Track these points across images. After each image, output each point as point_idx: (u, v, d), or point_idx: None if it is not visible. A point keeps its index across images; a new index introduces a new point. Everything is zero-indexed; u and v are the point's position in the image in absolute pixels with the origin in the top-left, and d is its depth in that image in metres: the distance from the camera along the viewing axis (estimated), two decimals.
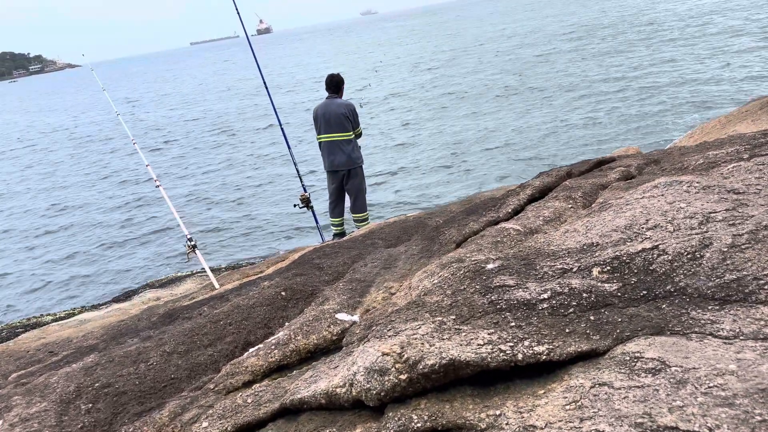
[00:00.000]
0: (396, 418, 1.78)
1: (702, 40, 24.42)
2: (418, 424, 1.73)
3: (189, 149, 21.73)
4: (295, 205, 7.50)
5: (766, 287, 1.90)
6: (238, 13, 7.67)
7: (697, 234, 2.27)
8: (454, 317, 2.16)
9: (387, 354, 1.92)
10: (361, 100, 23.12)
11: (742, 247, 2.11)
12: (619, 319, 1.96)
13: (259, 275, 4.92)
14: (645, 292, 2.07)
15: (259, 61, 7.87)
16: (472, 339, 1.96)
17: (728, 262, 2.07)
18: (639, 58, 23.38)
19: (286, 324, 3.12)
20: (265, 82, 7.83)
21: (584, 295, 2.12)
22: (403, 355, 1.90)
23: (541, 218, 3.27)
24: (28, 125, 42.02)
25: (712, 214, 2.38)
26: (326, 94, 6.84)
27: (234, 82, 47.03)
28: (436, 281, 2.57)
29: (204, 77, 63.07)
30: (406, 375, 1.85)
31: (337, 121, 6.65)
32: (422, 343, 1.95)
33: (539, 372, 1.87)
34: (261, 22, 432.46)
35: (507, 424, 1.65)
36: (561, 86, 20.94)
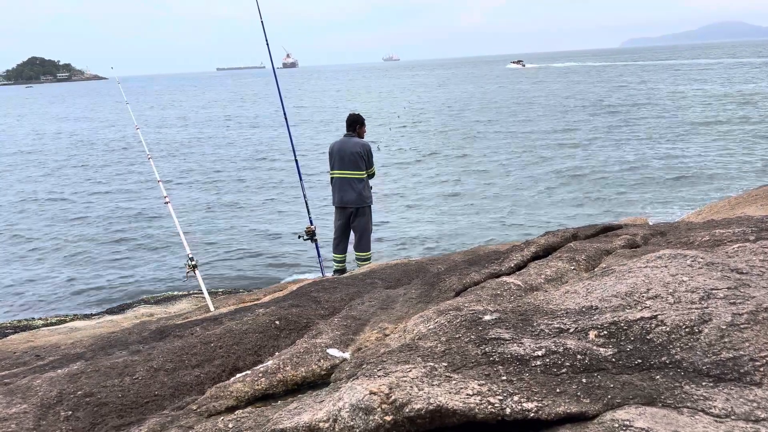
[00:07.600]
0: None
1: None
2: None
3: (205, 172, 21.93)
4: (299, 237, 7.52)
5: (761, 369, 1.89)
6: (268, 44, 7.86)
7: (696, 309, 2.27)
8: (446, 364, 2.14)
9: (374, 393, 1.90)
10: (379, 142, 23.36)
11: (741, 326, 2.10)
12: (611, 385, 1.94)
13: (256, 302, 4.90)
14: (640, 361, 2.05)
15: (282, 93, 8.01)
16: (461, 388, 1.94)
17: (726, 340, 2.06)
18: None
19: (277, 353, 3.09)
20: (285, 114, 7.95)
21: (578, 356, 2.10)
22: (391, 396, 1.88)
23: (542, 276, 3.27)
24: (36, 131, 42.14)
25: (714, 291, 2.38)
26: (345, 131, 6.97)
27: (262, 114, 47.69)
28: (431, 327, 2.56)
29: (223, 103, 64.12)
30: (391, 417, 1.83)
31: (351, 159, 6.73)
32: (411, 387, 1.94)
33: (526, 429, 1.85)
34: (288, 56, 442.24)
35: None
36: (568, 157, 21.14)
